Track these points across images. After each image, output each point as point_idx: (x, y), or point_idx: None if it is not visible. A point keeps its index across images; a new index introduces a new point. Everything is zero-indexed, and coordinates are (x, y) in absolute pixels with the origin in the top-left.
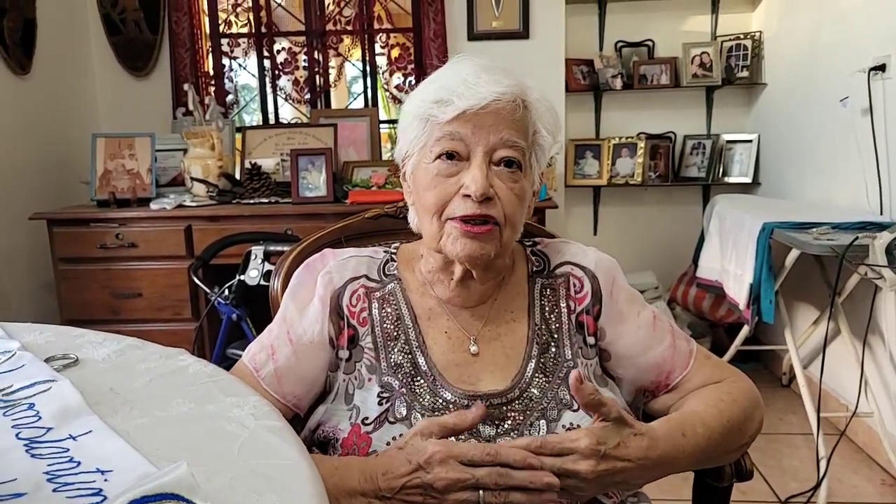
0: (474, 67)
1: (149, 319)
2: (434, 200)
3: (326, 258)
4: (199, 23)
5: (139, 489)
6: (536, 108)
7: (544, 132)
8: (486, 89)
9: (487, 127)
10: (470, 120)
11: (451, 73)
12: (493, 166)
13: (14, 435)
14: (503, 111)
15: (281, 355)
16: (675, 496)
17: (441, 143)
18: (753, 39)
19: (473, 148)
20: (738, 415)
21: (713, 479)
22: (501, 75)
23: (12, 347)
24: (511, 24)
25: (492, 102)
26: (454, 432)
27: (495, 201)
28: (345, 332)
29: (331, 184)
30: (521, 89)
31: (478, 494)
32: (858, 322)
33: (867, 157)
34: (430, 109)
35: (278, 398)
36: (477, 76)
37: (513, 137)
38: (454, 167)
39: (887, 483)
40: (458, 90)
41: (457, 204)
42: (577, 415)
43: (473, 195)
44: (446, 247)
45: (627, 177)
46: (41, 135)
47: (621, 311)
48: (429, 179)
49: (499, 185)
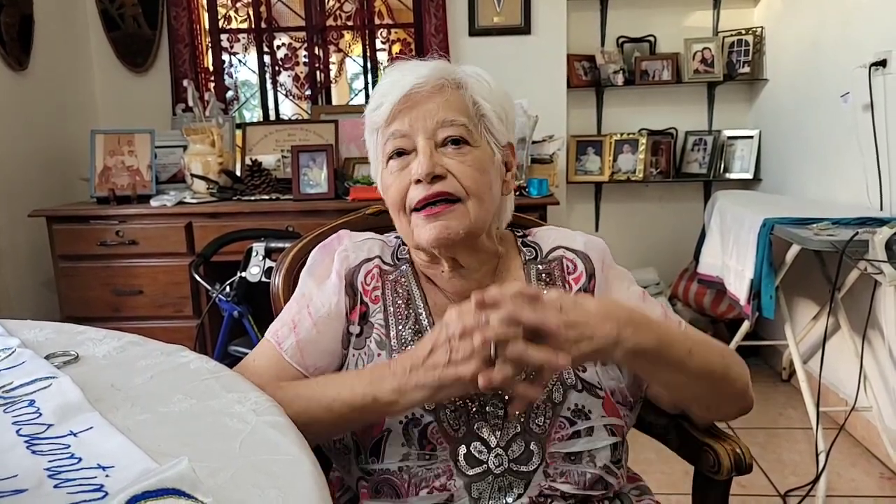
0: (403, 69)
1: (150, 317)
2: (394, 196)
3: (343, 238)
4: (198, 18)
5: (140, 485)
6: (468, 82)
7: (483, 101)
8: (408, 80)
9: (422, 116)
10: (405, 114)
11: (385, 79)
12: (441, 148)
13: (15, 431)
14: (432, 95)
15: (302, 328)
16: (676, 489)
17: (389, 144)
18: (755, 35)
19: (415, 138)
20: (725, 363)
21: (713, 473)
22: (426, 68)
23: (12, 344)
24: (512, 19)
25: (413, 89)
26: (491, 305)
27: (448, 178)
28: (357, 307)
29: (332, 180)
30: (444, 70)
31: (490, 346)
32: (858, 317)
33: (867, 153)
34: (372, 118)
35: (301, 370)
36: (402, 75)
37: (449, 116)
38: (404, 161)
39: (886, 476)
40: (387, 92)
41: (412, 192)
42: (581, 395)
43: (421, 176)
44: (418, 239)
45: (629, 173)
46: (40, 131)
47: (611, 285)
48: (389, 180)
49: (449, 162)
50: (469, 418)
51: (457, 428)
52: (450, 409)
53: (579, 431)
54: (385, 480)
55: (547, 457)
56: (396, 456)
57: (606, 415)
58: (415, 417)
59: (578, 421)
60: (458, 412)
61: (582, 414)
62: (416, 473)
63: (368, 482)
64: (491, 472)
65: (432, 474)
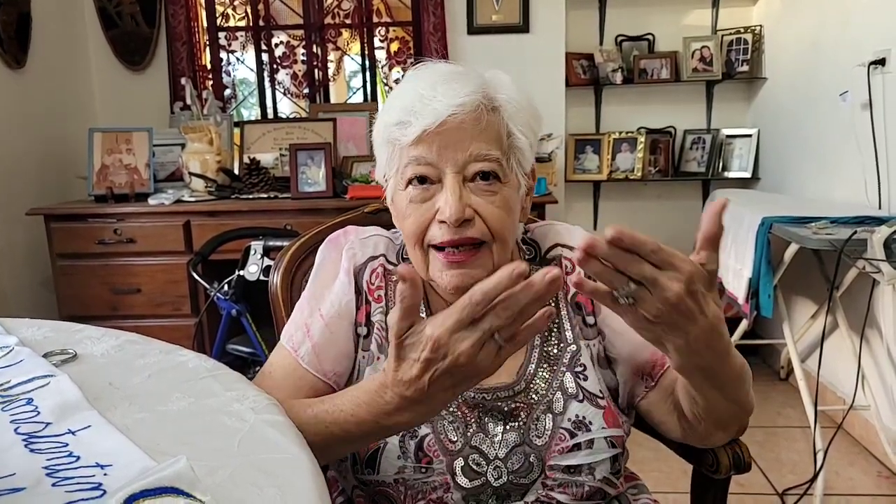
0: (431, 79)
1: (148, 315)
2: (412, 229)
3: (349, 234)
4: (196, 16)
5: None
6: (506, 108)
7: (518, 134)
8: (442, 104)
9: (453, 145)
10: (433, 141)
11: (410, 88)
12: (469, 183)
13: (13, 430)
14: (466, 123)
15: (316, 331)
16: (674, 488)
17: (410, 169)
18: (754, 34)
19: (443, 168)
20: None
21: (711, 471)
22: (459, 83)
23: (10, 343)
24: (511, 17)
25: (450, 118)
26: (413, 307)
27: (475, 221)
28: (363, 307)
29: (330, 179)
30: (483, 94)
31: (495, 341)
32: (856, 316)
33: (866, 152)
34: (393, 133)
35: (319, 377)
36: (433, 89)
37: (482, 150)
38: (427, 192)
39: (883, 475)
40: (415, 108)
41: (434, 230)
42: (582, 405)
43: (449, 221)
44: (434, 277)
45: (627, 172)
46: (38, 130)
47: None
48: (405, 207)
49: (478, 201)
50: (467, 430)
51: (454, 440)
52: (448, 420)
53: (580, 444)
54: (381, 492)
55: (546, 469)
56: (392, 469)
57: (607, 426)
58: (411, 430)
59: (579, 433)
60: (457, 424)
61: (583, 426)
62: (413, 486)
63: (364, 492)
64: (490, 485)
65: (429, 487)
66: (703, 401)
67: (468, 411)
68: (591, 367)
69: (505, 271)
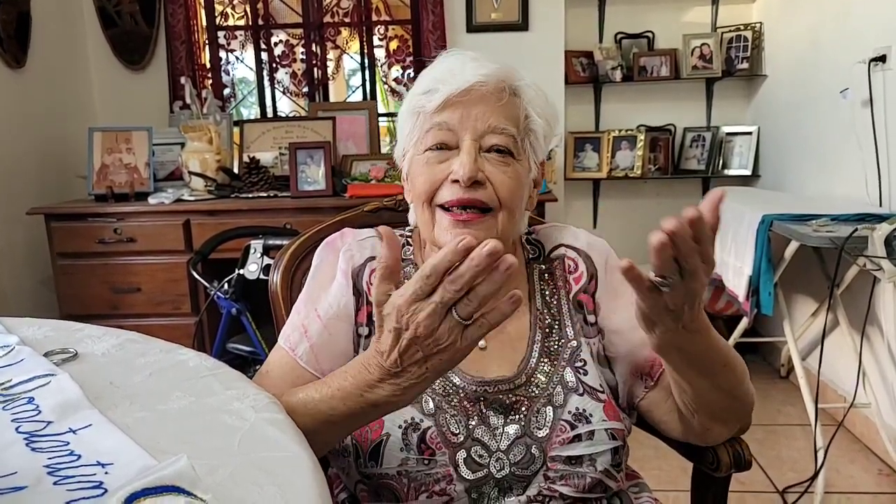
0: (461, 58)
1: (148, 314)
2: (424, 187)
3: (346, 236)
4: (195, 15)
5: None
6: (525, 92)
7: (535, 116)
8: (470, 73)
9: (474, 114)
10: (457, 108)
11: (440, 64)
12: (484, 153)
13: (14, 429)
14: (489, 97)
15: (313, 332)
16: (674, 486)
17: (431, 134)
18: (753, 31)
19: (462, 135)
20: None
21: (712, 469)
22: (487, 62)
23: (11, 342)
24: (510, 15)
25: (475, 85)
26: (390, 269)
27: (486, 185)
28: (364, 308)
29: (330, 177)
30: (506, 74)
31: (454, 317)
32: (857, 314)
33: (867, 149)
34: (419, 101)
35: (318, 376)
36: (463, 65)
37: (500, 123)
38: (444, 155)
39: (884, 473)
40: (443, 78)
41: (446, 189)
42: (582, 399)
43: (461, 179)
44: (438, 237)
45: (627, 169)
46: (38, 129)
47: (616, 288)
48: (420, 167)
49: (490, 169)
50: (469, 422)
51: (457, 432)
52: (450, 413)
53: (580, 435)
54: (384, 485)
55: (548, 460)
56: (395, 461)
57: (607, 419)
58: (414, 422)
59: (579, 425)
60: (458, 416)
61: (583, 418)
62: (416, 478)
63: (367, 486)
64: (492, 477)
65: (432, 479)
66: (692, 390)
67: (469, 405)
68: (592, 363)
69: (452, 244)
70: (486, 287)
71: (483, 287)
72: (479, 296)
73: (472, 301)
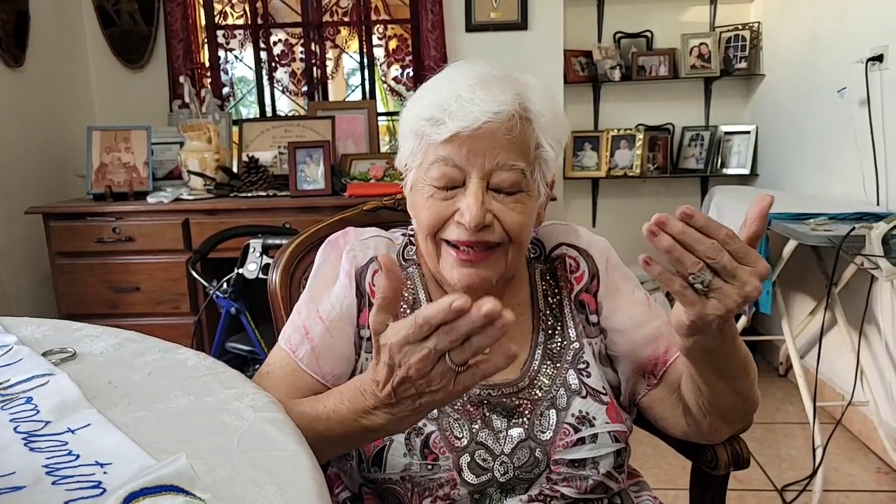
0: (469, 80)
1: (147, 313)
2: (429, 222)
3: (349, 235)
4: (194, 14)
5: (139, 481)
6: (538, 121)
7: (546, 146)
8: (480, 108)
9: (483, 151)
10: (464, 143)
11: (446, 84)
12: (491, 190)
13: (12, 429)
14: (499, 131)
15: (315, 334)
16: (673, 485)
17: (436, 168)
18: (752, 30)
19: (469, 172)
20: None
21: (710, 468)
22: (498, 89)
23: (9, 342)
24: (509, 15)
25: (485, 124)
26: (389, 300)
27: (493, 226)
28: (366, 310)
29: (329, 177)
30: (519, 103)
31: (447, 363)
32: (855, 312)
33: (864, 148)
34: (424, 127)
35: (318, 378)
36: (472, 91)
37: (510, 161)
38: (450, 193)
39: (882, 471)
40: (450, 108)
41: (452, 229)
42: (585, 401)
43: (467, 225)
44: (444, 272)
45: (626, 169)
46: (36, 128)
47: (617, 287)
48: (424, 200)
49: (498, 207)
50: (472, 426)
51: (460, 437)
52: (453, 417)
53: (584, 438)
54: (388, 489)
55: (551, 463)
56: (398, 466)
57: (611, 421)
58: (417, 427)
59: (583, 428)
60: (462, 421)
61: (586, 421)
62: (420, 483)
63: (372, 490)
64: (496, 480)
65: (436, 483)
66: (709, 392)
67: (473, 409)
68: (594, 364)
69: (445, 301)
70: (481, 340)
71: (478, 339)
72: (474, 347)
73: (467, 350)
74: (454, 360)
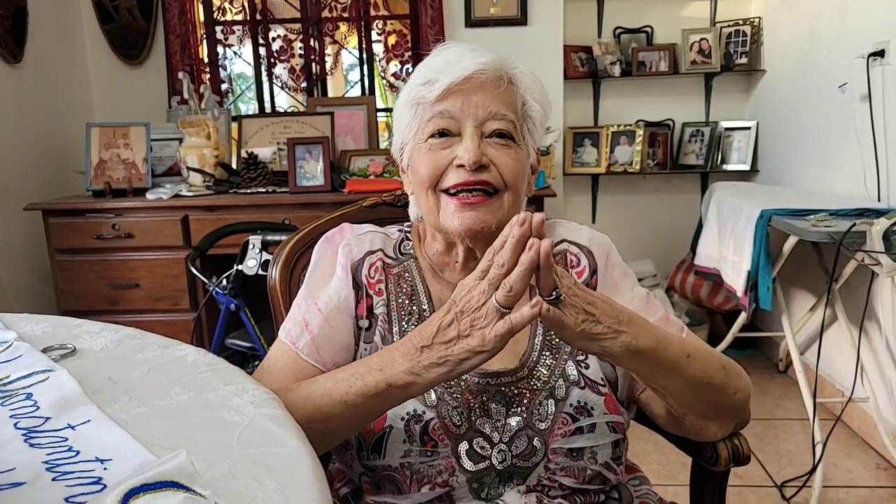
0: (459, 49)
1: (147, 310)
2: (427, 172)
3: (345, 231)
4: (192, 10)
5: (139, 477)
6: (522, 80)
7: (532, 102)
8: (469, 62)
9: (475, 101)
10: (457, 97)
11: (437, 56)
12: (486, 138)
13: (12, 425)
14: (488, 85)
15: (314, 325)
16: (673, 480)
17: (432, 123)
18: (752, 25)
19: (463, 122)
20: (726, 373)
21: (710, 464)
22: (483, 53)
23: (9, 338)
24: (509, 10)
25: (475, 74)
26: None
27: (490, 168)
28: (363, 301)
29: (328, 173)
30: (504, 63)
31: (494, 301)
32: (855, 308)
33: (865, 144)
34: (419, 91)
35: (319, 367)
36: (461, 55)
37: (501, 110)
38: (447, 142)
39: (882, 467)
40: (442, 69)
41: (451, 175)
42: (583, 392)
43: (467, 164)
44: (444, 222)
45: (626, 165)
46: (35, 125)
47: (616, 283)
48: (422, 156)
49: (493, 153)
50: (471, 414)
51: (459, 424)
52: (452, 405)
53: (581, 428)
54: (387, 476)
55: (549, 452)
56: (398, 453)
57: (608, 412)
58: (416, 414)
59: (581, 417)
60: (461, 408)
61: (584, 411)
62: (419, 470)
63: (371, 477)
64: (494, 468)
65: (434, 471)
66: (666, 392)
67: (472, 397)
68: (593, 357)
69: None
70: (517, 273)
71: (514, 274)
72: (512, 280)
73: (506, 285)
74: (498, 299)
